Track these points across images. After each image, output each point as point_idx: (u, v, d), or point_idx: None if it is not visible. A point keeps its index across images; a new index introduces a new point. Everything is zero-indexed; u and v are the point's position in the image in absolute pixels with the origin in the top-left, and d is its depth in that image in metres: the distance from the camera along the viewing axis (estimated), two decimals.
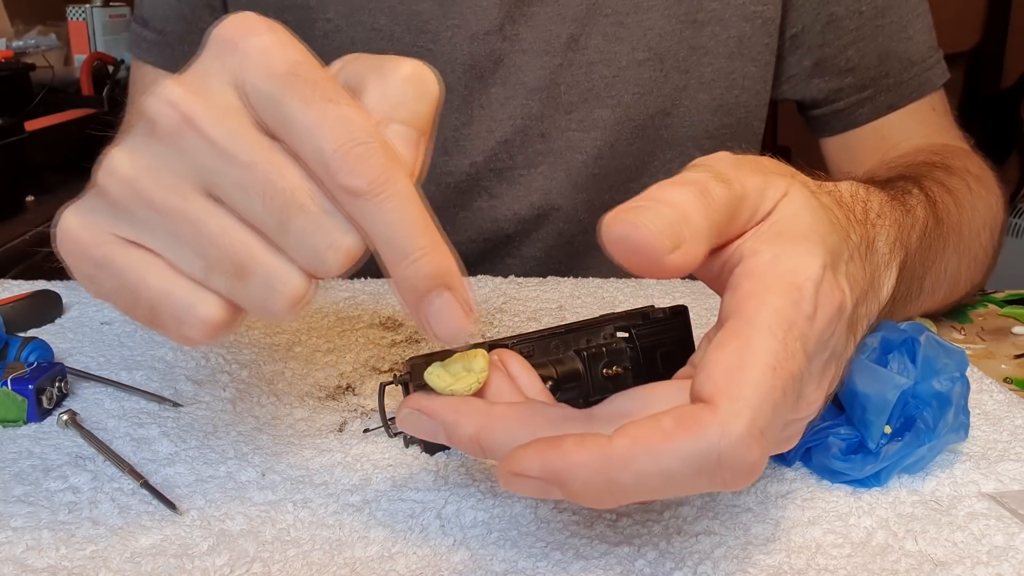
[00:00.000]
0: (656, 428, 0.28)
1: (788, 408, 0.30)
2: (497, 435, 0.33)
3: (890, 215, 0.44)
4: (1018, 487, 0.41)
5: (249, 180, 0.32)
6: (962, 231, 0.59)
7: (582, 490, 0.29)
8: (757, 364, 0.29)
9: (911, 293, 0.50)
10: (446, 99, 0.73)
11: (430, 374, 0.36)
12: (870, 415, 0.40)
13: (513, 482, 0.30)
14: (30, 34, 2.01)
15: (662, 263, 0.30)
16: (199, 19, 0.77)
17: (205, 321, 0.33)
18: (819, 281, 0.31)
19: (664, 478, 0.28)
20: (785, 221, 0.33)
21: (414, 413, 0.35)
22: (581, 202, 0.77)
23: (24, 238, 1.37)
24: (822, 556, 0.36)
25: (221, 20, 0.33)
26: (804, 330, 0.30)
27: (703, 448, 0.28)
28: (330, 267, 0.32)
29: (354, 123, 0.31)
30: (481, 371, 0.36)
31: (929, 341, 0.42)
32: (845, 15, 0.74)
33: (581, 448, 0.29)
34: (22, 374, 0.47)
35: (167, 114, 0.32)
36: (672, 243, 0.30)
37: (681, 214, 0.31)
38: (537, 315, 0.63)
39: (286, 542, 0.37)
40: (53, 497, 0.40)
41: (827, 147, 0.81)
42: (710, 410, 0.28)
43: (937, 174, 0.59)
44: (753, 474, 0.29)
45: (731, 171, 0.33)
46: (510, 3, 0.71)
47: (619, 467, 0.28)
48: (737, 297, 0.31)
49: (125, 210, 0.33)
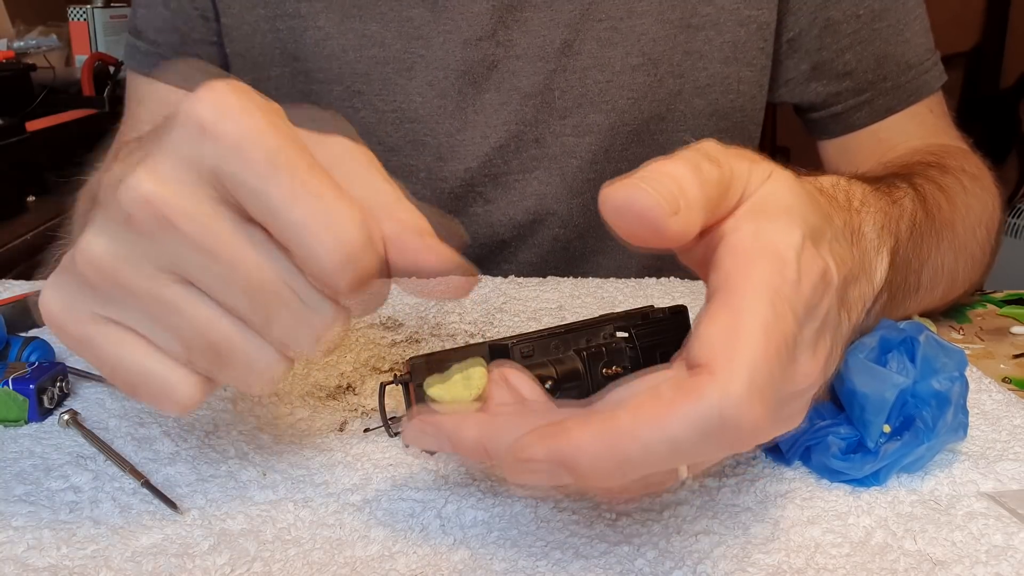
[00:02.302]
0: (656, 398, 0.29)
1: (784, 369, 0.30)
2: (502, 436, 0.33)
3: (874, 204, 0.44)
4: (1017, 486, 0.41)
5: (232, 277, 0.32)
6: (956, 227, 0.59)
7: (590, 468, 0.29)
8: (748, 328, 0.29)
9: (908, 286, 0.51)
10: (440, 105, 0.74)
11: (430, 387, 0.37)
12: (869, 414, 0.41)
13: (521, 470, 0.30)
14: (31, 35, 2.01)
15: (664, 227, 0.31)
16: (192, 30, 0.77)
17: (182, 402, 0.35)
18: (799, 248, 0.32)
19: (671, 445, 0.28)
20: (765, 199, 0.33)
21: (419, 430, 0.35)
22: (576, 207, 0.77)
23: (25, 238, 1.37)
24: (821, 555, 0.37)
25: (192, 93, 0.32)
26: (790, 294, 0.31)
27: (705, 410, 0.28)
28: (314, 355, 0.34)
29: (345, 223, 0.32)
30: (480, 379, 0.37)
31: (928, 340, 0.42)
32: (842, 19, 0.74)
33: (585, 427, 0.29)
34: (23, 374, 0.47)
35: (143, 211, 0.32)
36: (671, 208, 0.31)
37: (678, 184, 0.31)
38: (537, 315, 0.63)
39: (287, 541, 0.37)
40: (54, 496, 0.40)
41: (825, 149, 0.81)
42: (707, 374, 0.28)
43: (930, 172, 0.60)
44: (758, 432, 0.29)
45: (719, 155, 0.33)
46: (502, 9, 0.71)
47: (625, 440, 0.29)
48: (721, 273, 0.31)
49: (104, 294, 0.34)
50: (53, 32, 2.04)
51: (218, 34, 0.76)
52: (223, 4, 0.74)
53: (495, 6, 0.71)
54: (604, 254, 0.80)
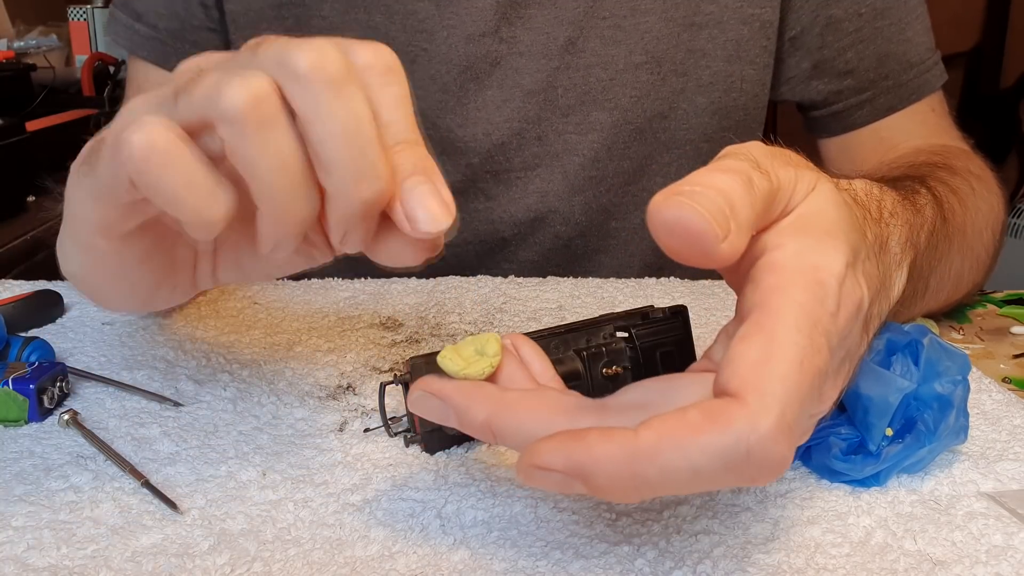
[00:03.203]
0: (683, 422, 0.28)
1: (814, 403, 0.30)
2: (509, 421, 0.33)
3: (902, 215, 0.44)
4: (1017, 486, 0.41)
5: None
6: (966, 231, 0.59)
7: (607, 484, 0.29)
8: (784, 359, 0.28)
9: (917, 292, 0.50)
10: (442, 100, 0.74)
11: (443, 357, 0.36)
12: (872, 417, 0.40)
13: (534, 475, 0.30)
14: (31, 35, 2.01)
15: (713, 251, 0.30)
16: (193, 16, 0.76)
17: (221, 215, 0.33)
18: (842, 278, 0.31)
19: (691, 473, 0.28)
20: (810, 216, 0.33)
21: (425, 396, 0.35)
22: (578, 205, 0.77)
23: (25, 238, 1.37)
24: (821, 555, 0.37)
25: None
26: (828, 326, 0.30)
27: (732, 443, 0.27)
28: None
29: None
30: (494, 355, 0.36)
31: (932, 344, 0.42)
32: (844, 17, 0.74)
33: (607, 442, 0.29)
34: (23, 374, 0.47)
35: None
36: (723, 232, 0.30)
37: (729, 202, 0.30)
38: (537, 315, 0.63)
39: (287, 541, 0.37)
40: (54, 496, 0.40)
41: (826, 148, 0.81)
42: (738, 404, 0.28)
43: (941, 174, 0.59)
44: (780, 469, 0.28)
45: (766, 161, 0.32)
46: (505, 5, 0.71)
47: (645, 461, 0.28)
48: (760, 290, 0.30)
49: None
50: (53, 32, 2.04)
51: (217, 21, 0.76)
52: None
53: (499, 2, 0.71)
54: (606, 252, 0.80)
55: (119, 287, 0.41)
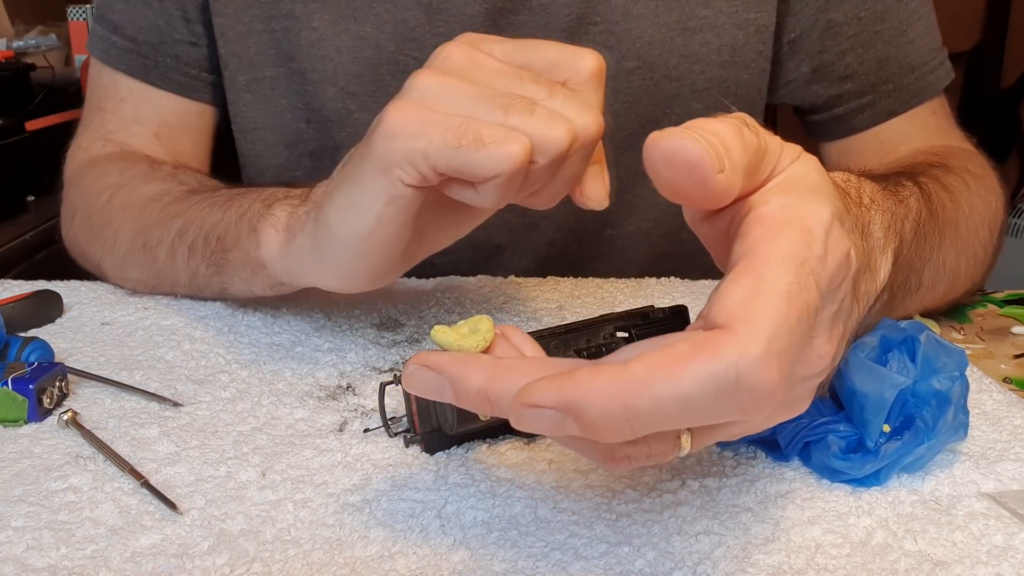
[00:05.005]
0: (672, 352, 0.28)
1: (802, 338, 0.30)
2: (505, 386, 0.32)
3: (882, 203, 0.44)
4: (1017, 487, 0.41)
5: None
6: (959, 227, 0.58)
7: (598, 419, 0.29)
8: (772, 292, 0.29)
9: (910, 285, 0.50)
10: None
11: (437, 332, 0.36)
12: (868, 414, 0.40)
13: (526, 415, 0.30)
14: (30, 34, 2.01)
15: (711, 181, 0.30)
16: (174, 31, 0.76)
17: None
18: (828, 226, 0.32)
19: (682, 402, 0.28)
20: (794, 177, 0.33)
21: (420, 369, 0.34)
22: (572, 211, 0.77)
23: (24, 238, 1.37)
24: (821, 556, 0.37)
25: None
26: (816, 267, 0.31)
27: (721, 369, 0.27)
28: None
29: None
30: (488, 331, 0.36)
31: (929, 340, 0.42)
32: (844, 21, 0.74)
33: (596, 375, 0.29)
34: (23, 374, 0.47)
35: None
36: (719, 163, 0.30)
37: (723, 142, 0.31)
38: (537, 315, 0.63)
39: (286, 542, 0.37)
40: (53, 497, 0.40)
41: (826, 152, 0.81)
42: (727, 333, 0.28)
43: (934, 172, 0.59)
44: (771, 397, 0.28)
45: (755, 126, 0.34)
46: (495, 12, 0.71)
47: (636, 392, 0.28)
48: (748, 241, 0.31)
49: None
50: (52, 32, 2.04)
51: (200, 35, 0.76)
52: (217, 4, 0.74)
53: (488, 9, 0.71)
54: (602, 260, 0.80)
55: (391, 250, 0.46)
